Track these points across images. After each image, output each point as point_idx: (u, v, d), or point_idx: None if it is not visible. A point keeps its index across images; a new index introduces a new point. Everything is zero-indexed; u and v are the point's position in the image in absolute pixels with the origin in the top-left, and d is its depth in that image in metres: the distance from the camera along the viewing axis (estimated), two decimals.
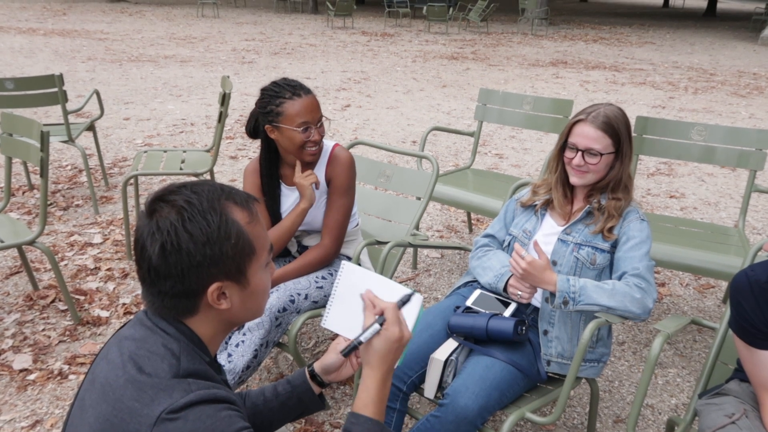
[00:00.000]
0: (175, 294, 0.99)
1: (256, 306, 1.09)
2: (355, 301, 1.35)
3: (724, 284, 3.30)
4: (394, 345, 1.14)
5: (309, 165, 2.12)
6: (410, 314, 1.27)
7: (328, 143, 2.18)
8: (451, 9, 18.13)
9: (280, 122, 1.98)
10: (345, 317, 1.37)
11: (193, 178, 3.78)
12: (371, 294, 1.21)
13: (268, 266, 1.09)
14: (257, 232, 1.04)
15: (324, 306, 2.15)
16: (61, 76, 3.81)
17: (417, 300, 1.27)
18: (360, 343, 1.16)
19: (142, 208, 1.02)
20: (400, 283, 2.61)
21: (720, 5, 34.22)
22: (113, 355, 1.00)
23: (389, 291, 1.32)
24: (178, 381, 0.94)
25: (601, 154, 1.80)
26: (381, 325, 1.15)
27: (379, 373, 1.14)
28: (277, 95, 1.98)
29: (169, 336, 1.00)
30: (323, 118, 2.05)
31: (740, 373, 1.64)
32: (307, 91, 2.00)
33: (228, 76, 3.66)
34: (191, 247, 0.96)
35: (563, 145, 1.88)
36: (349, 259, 2.30)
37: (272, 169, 2.15)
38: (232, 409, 0.95)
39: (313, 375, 1.34)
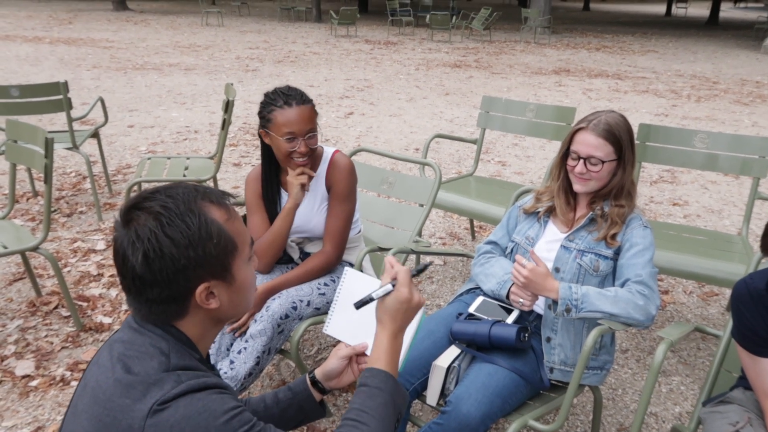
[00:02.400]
0: (163, 300, 0.99)
1: (244, 301, 1.09)
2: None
3: (728, 292, 3.29)
4: (403, 305, 1.19)
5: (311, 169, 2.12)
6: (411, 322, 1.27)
7: (327, 149, 2.18)
8: (454, 17, 18.21)
9: (270, 129, 2.00)
10: (347, 324, 1.37)
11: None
12: (391, 258, 1.26)
13: (251, 260, 1.10)
14: (236, 228, 1.05)
15: (326, 313, 2.14)
16: (65, 84, 3.83)
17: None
18: (372, 299, 1.21)
19: (117, 218, 1.01)
20: None
21: (722, 14, 34.26)
22: (103, 359, 1.00)
23: None
24: (168, 374, 0.94)
25: (603, 162, 1.80)
26: (393, 286, 1.20)
27: (389, 329, 1.19)
28: (271, 102, 2.00)
29: (157, 336, 1.00)
30: (316, 131, 2.04)
31: (744, 381, 1.63)
32: (302, 102, 1.99)
33: (231, 84, 3.68)
34: (174, 252, 0.96)
35: (565, 153, 1.89)
36: (351, 265, 2.30)
37: (272, 175, 2.16)
38: (224, 393, 0.96)
39: (315, 381, 1.34)
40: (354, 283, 1.38)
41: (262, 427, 0.97)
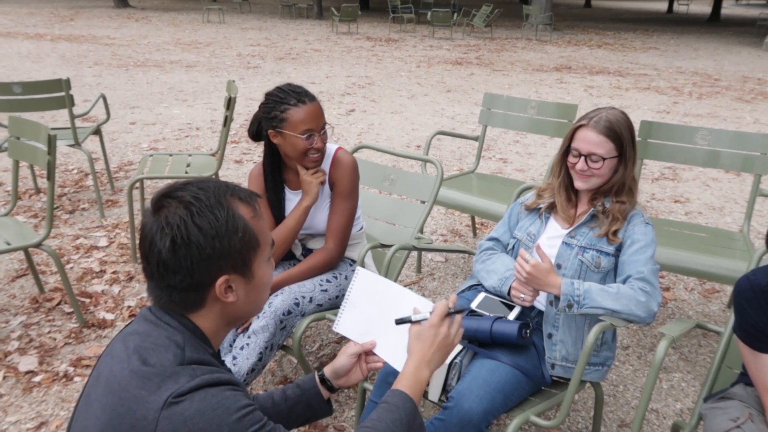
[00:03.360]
0: (184, 288, 1.01)
1: (259, 300, 1.12)
2: (368, 308, 1.36)
3: (729, 289, 3.29)
4: (430, 332, 1.24)
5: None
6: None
7: (330, 147, 2.19)
8: (455, 14, 18.18)
9: (284, 128, 1.98)
10: (357, 323, 1.38)
11: None
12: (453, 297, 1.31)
13: (269, 261, 1.12)
14: (261, 226, 1.08)
15: (328, 309, 2.15)
16: (68, 81, 3.83)
17: (429, 308, 1.30)
18: (410, 320, 1.27)
19: (148, 205, 1.04)
20: (406, 286, 2.61)
21: (724, 11, 34.16)
22: (117, 350, 1.01)
23: (403, 299, 1.33)
24: (183, 367, 0.96)
25: (604, 159, 1.80)
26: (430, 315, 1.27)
27: (414, 358, 1.23)
28: (282, 101, 1.98)
29: (173, 329, 1.02)
30: (327, 125, 2.06)
31: (745, 377, 1.64)
32: (312, 98, 2.01)
33: (233, 81, 3.68)
34: (201, 241, 0.99)
35: (566, 150, 1.89)
36: (353, 261, 2.31)
37: (275, 173, 2.17)
38: (237, 390, 0.98)
39: (323, 379, 1.36)
40: (365, 282, 1.39)
41: (272, 426, 0.98)
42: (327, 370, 1.36)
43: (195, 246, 0.99)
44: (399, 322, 1.28)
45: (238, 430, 0.93)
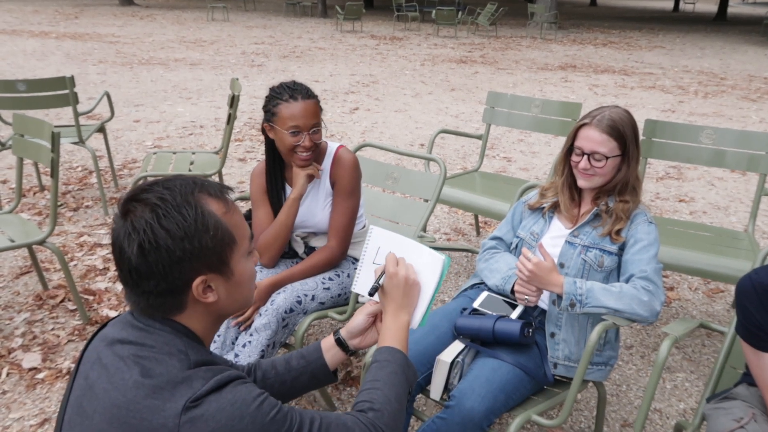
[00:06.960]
0: (160, 292, 0.98)
1: (244, 296, 1.09)
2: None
3: (733, 288, 3.27)
4: (392, 281, 1.29)
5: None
6: (433, 274, 1.31)
7: (332, 145, 2.18)
8: (459, 13, 18.15)
9: (275, 123, 2.00)
10: (373, 281, 1.38)
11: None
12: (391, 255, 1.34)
13: (251, 255, 1.09)
14: (235, 221, 1.04)
15: (331, 307, 2.16)
16: (72, 78, 3.84)
17: (439, 262, 1.31)
18: (379, 285, 1.31)
19: (116, 210, 1.02)
20: None
21: (731, 9, 34.01)
22: (108, 360, 0.98)
23: (417, 253, 1.34)
24: (193, 371, 0.94)
25: (607, 158, 1.79)
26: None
27: (388, 310, 1.29)
28: (276, 96, 2.00)
29: (168, 334, 0.99)
30: (321, 126, 2.05)
31: (749, 377, 1.63)
32: (307, 96, 2.00)
33: (237, 79, 3.68)
34: (170, 243, 0.95)
35: (570, 149, 1.88)
36: (356, 260, 2.31)
37: (276, 170, 2.17)
38: (247, 382, 0.98)
39: (340, 342, 1.36)
40: (379, 240, 1.39)
41: (288, 408, 0.99)
42: (343, 331, 1.36)
43: (164, 250, 0.95)
44: (372, 292, 1.30)
45: (259, 417, 0.93)
